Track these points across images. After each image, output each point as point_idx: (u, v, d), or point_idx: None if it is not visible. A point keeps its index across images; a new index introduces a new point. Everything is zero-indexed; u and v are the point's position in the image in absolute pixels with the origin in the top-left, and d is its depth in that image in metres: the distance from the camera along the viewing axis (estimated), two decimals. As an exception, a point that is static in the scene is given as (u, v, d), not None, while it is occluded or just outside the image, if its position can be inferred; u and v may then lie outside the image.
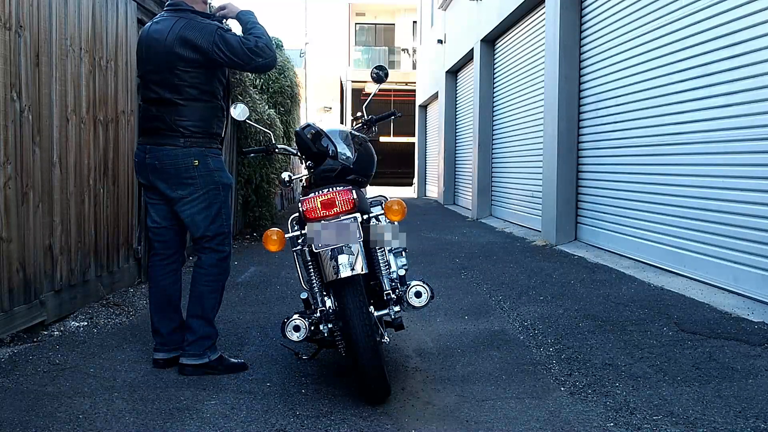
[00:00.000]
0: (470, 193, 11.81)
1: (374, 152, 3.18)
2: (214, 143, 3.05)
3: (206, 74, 2.96)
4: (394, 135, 27.58)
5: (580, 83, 6.86)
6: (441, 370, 3.07)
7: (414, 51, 26.51)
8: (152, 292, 3.16)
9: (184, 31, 2.91)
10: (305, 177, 3.07)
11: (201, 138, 2.98)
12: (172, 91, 2.94)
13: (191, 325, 3.01)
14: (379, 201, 2.98)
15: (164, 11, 3.07)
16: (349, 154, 2.94)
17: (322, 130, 2.97)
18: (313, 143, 2.94)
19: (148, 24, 3.09)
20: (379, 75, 3.31)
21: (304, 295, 2.92)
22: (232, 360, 3.09)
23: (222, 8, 3.12)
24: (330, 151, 2.90)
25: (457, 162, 13.99)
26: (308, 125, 3.03)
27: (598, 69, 6.44)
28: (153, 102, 3.00)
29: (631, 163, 5.74)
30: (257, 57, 2.94)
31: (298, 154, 3.08)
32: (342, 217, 2.63)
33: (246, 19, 3.06)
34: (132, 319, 4.06)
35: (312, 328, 2.67)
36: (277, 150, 3.22)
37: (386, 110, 3.48)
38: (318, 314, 2.67)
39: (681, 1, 4.97)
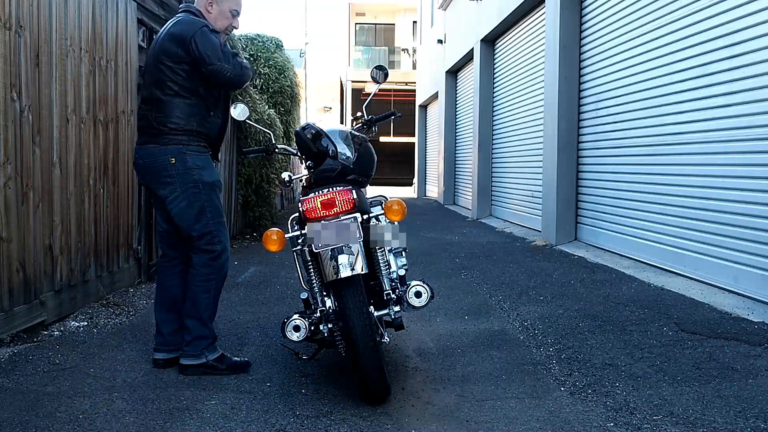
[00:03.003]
0: (470, 193, 11.81)
1: (374, 152, 3.18)
2: (194, 141, 2.97)
3: (189, 71, 2.92)
4: (394, 135, 27.57)
5: (580, 83, 6.86)
6: (441, 370, 3.07)
7: (414, 51, 26.50)
8: (157, 291, 3.17)
9: (174, 26, 2.95)
10: (305, 177, 3.07)
11: (179, 135, 2.93)
12: (157, 86, 2.94)
13: (187, 326, 3.00)
14: (379, 201, 2.98)
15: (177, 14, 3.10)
16: (349, 153, 2.94)
17: (322, 130, 2.97)
18: (313, 143, 2.93)
19: None
20: (379, 75, 3.31)
21: (304, 295, 2.92)
22: (235, 359, 3.05)
23: None
24: (330, 151, 2.90)
25: (457, 162, 13.99)
26: (308, 125, 3.02)
27: (598, 69, 6.44)
28: (144, 100, 3.03)
29: (631, 163, 5.74)
30: (227, 63, 2.88)
31: (298, 154, 3.08)
32: (342, 217, 2.63)
33: None
34: (132, 319, 4.06)
35: (312, 328, 2.67)
36: (277, 150, 3.22)
37: (386, 110, 3.48)
38: (318, 314, 2.67)
39: (681, 1, 4.97)
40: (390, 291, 2.68)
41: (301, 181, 3.14)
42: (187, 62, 2.91)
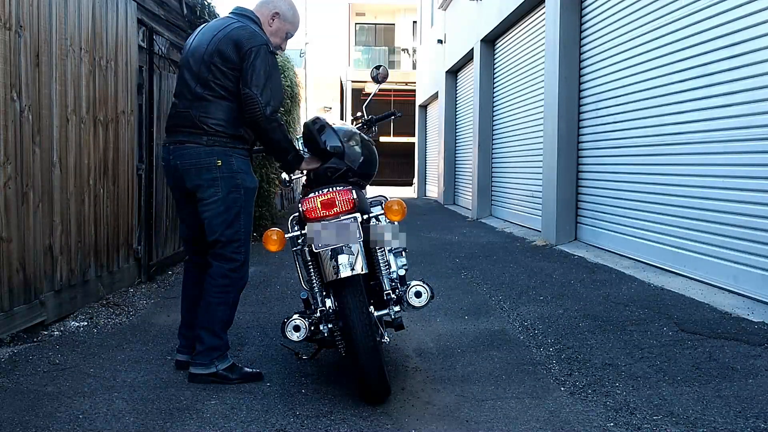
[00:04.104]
0: (470, 193, 11.80)
1: (377, 153, 3.17)
2: (239, 144, 2.90)
3: (239, 78, 2.83)
4: (394, 135, 27.57)
5: (580, 83, 6.86)
6: (441, 370, 3.07)
7: (414, 51, 26.50)
8: (182, 295, 3.14)
9: (236, 31, 2.87)
10: (305, 177, 3.06)
11: (223, 138, 2.86)
12: (202, 85, 2.87)
13: (199, 335, 2.91)
14: (379, 201, 2.97)
15: (229, 15, 3.04)
16: (357, 156, 2.94)
17: (332, 126, 2.94)
18: (321, 139, 2.90)
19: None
20: (379, 75, 3.31)
21: (304, 295, 2.92)
22: (246, 369, 2.97)
23: None
24: (337, 150, 2.88)
25: (457, 162, 13.98)
26: (318, 119, 2.97)
27: (598, 69, 6.43)
28: (182, 96, 2.95)
29: (631, 163, 5.74)
30: (264, 96, 2.77)
31: (302, 149, 3.05)
32: (342, 217, 2.63)
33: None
34: (132, 319, 4.06)
35: (312, 328, 2.67)
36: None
37: (386, 110, 3.48)
38: (318, 314, 2.67)
39: (681, 1, 4.97)
40: (390, 291, 2.68)
41: (301, 180, 3.14)
42: (240, 69, 2.82)
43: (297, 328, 2.66)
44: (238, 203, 2.89)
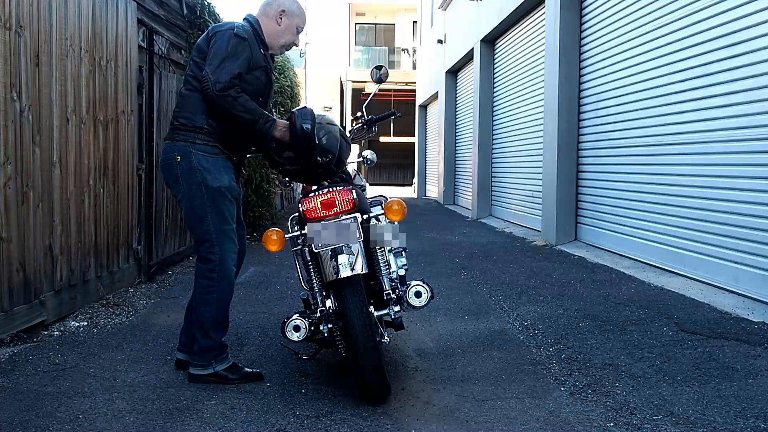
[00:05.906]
0: (470, 193, 11.81)
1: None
2: (202, 139, 2.82)
3: None
4: (394, 135, 27.57)
5: (580, 83, 6.86)
6: (441, 370, 3.07)
7: (414, 51, 26.50)
8: (192, 294, 3.12)
9: (213, 25, 2.96)
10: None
11: (189, 132, 2.82)
12: (183, 83, 2.96)
13: (195, 335, 2.92)
14: (379, 201, 2.97)
15: None
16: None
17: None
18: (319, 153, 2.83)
19: None
20: (379, 75, 3.31)
21: (304, 295, 2.92)
22: (247, 369, 2.94)
23: None
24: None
25: (457, 162, 13.98)
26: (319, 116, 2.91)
27: (598, 69, 6.44)
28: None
29: (631, 163, 5.74)
30: (214, 74, 2.69)
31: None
32: (342, 217, 2.63)
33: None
34: (132, 319, 4.06)
35: (312, 328, 2.67)
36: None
37: (386, 110, 3.47)
38: (318, 314, 2.67)
39: (681, 1, 4.97)
40: (390, 291, 2.68)
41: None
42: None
43: (297, 328, 2.66)
44: (201, 202, 2.82)
